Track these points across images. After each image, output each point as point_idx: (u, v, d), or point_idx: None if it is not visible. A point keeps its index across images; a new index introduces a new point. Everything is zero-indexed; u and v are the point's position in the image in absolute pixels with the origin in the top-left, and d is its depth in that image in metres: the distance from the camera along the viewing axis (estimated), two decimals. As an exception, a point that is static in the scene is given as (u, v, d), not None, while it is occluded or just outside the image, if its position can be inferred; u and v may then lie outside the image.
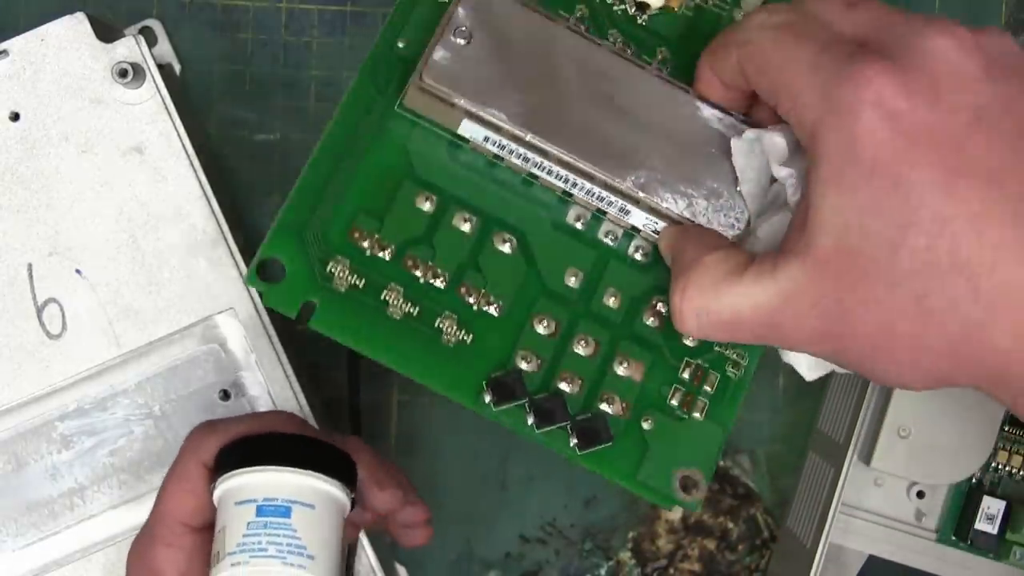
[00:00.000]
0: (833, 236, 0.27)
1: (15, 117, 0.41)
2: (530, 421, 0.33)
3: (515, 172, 0.34)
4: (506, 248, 0.34)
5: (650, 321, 0.34)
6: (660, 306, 0.34)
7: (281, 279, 0.33)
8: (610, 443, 0.33)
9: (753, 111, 0.33)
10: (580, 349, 0.34)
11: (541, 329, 0.34)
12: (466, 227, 0.34)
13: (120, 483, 0.41)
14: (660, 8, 0.36)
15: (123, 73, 0.40)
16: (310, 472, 0.32)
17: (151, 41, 0.45)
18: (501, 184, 0.34)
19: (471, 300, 0.33)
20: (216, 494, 0.33)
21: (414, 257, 0.33)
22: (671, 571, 0.46)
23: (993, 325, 0.26)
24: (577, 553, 0.47)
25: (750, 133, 0.32)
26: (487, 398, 0.33)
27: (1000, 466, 0.44)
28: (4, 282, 0.40)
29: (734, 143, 0.32)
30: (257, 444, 0.33)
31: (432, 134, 0.34)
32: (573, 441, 0.33)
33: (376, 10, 0.46)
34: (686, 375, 0.34)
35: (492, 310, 0.33)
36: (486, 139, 0.33)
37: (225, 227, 0.41)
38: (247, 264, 0.41)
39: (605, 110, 0.33)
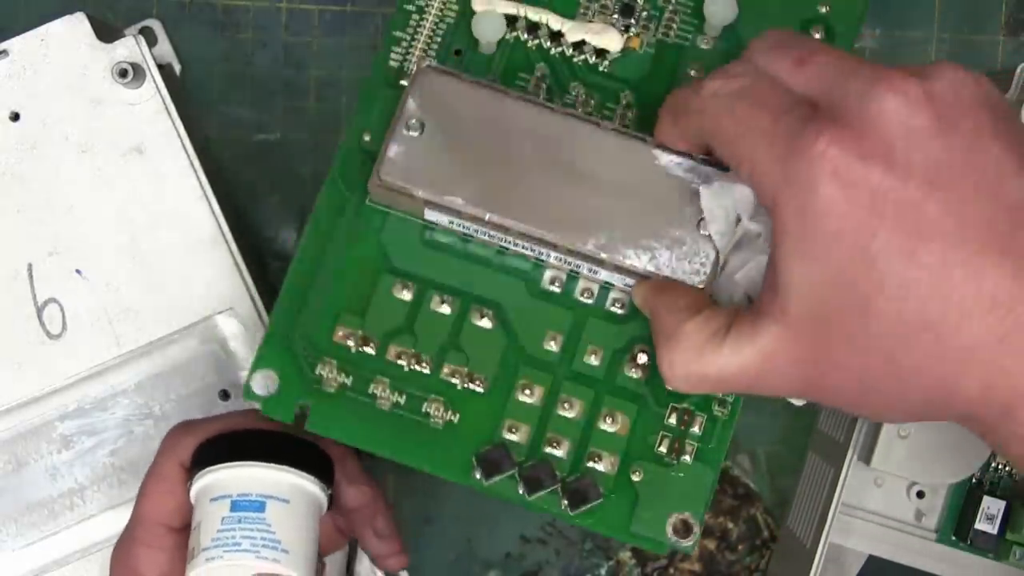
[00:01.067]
0: (804, 303, 0.27)
1: (15, 117, 0.41)
2: (520, 490, 0.34)
3: (488, 245, 0.35)
4: (485, 322, 0.35)
5: (633, 372, 0.35)
6: (642, 356, 0.34)
7: (275, 390, 0.34)
8: (600, 500, 0.34)
9: (716, 154, 0.33)
10: (565, 412, 0.34)
11: (525, 398, 0.34)
12: (445, 308, 0.35)
13: (120, 483, 0.41)
14: (620, 52, 0.37)
15: (123, 73, 0.40)
16: (284, 467, 0.33)
17: (151, 41, 0.45)
18: (476, 259, 0.35)
19: (455, 380, 0.34)
20: (192, 492, 0.33)
21: (398, 347, 0.34)
22: (671, 571, 0.46)
23: (962, 377, 0.27)
24: (577, 553, 0.47)
25: (717, 184, 0.32)
26: (476, 474, 0.34)
27: (1000, 466, 0.44)
28: (4, 282, 0.40)
29: (702, 189, 0.33)
30: (232, 440, 0.33)
31: (403, 222, 0.35)
32: (564, 503, 0.34)
33: (376, 10, 0.46)
34: (672, 420, 0.35)
35: (476, 387, 0.34)
36: (451, 222, 0.34)
37: (225, 227, 0.41)
38: (247, 264, 0.41)
39: (562, 176, 0.33)
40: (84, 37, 0.41)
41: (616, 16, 0.38)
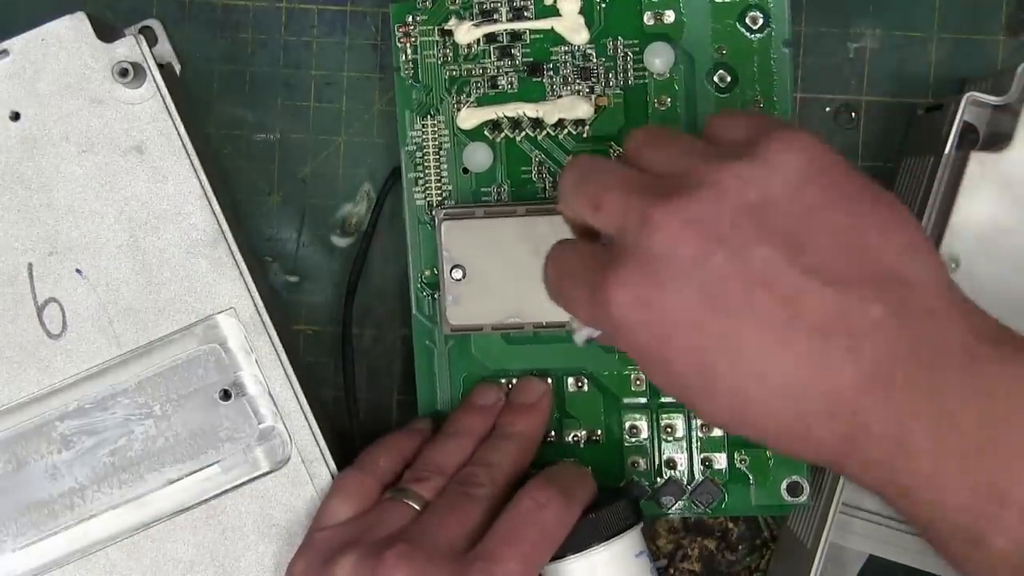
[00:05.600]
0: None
1: (15, 117, 0.41)
2: (662, 508, 0.42)
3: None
4: (583, 387, 0.43)
5: None
6: None
7: None
8: (722, 493, 0.42)
9: None
10: (668, 437, 0.42)
11: (634, 439, 0.42)
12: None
13: (120, 483, 0.41)
14: (596, 114, 0.42)
15: (123, 73, 0.40)
16: (615, 538, 0.39)
17: (151, 41, 0.45)
18: (549, 342, 0.43)
19: (575, 439, 0.43)
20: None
21: None
22: (671, 571, 0.46)
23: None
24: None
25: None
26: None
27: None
28: (4, 282, 0.40)
29: None
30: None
31: (484, 336, 0.43)
32: (701, 508, 0.42)
33: (376, 10, 0.46)
34: None
35: (596, 439, 0.43)
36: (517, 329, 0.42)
37: (225, 227, 0.41)
38: (247, 264, 0.41)
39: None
40: (84, 37, 0.41)
41: (579, 82, 0.42)
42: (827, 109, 0.45)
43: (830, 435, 0.29)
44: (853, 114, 0.45)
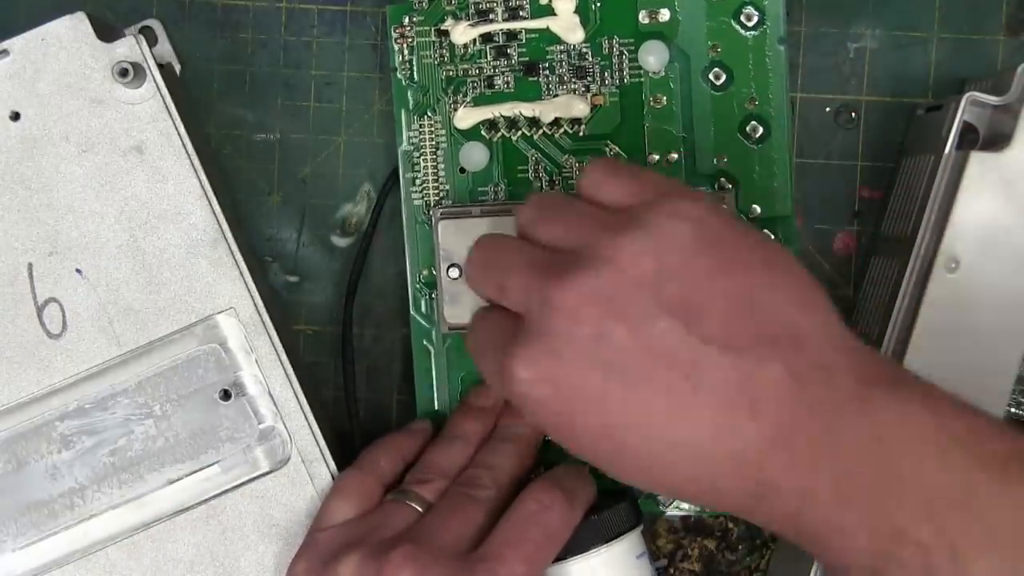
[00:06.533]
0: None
1: (15, 117, 0.41)
2: (661, 507, 0.43)
3: None
4: None
5: None
6: None
7: None
8: None
9: None
10: None
11: None
12: None
13: (120, 483, 0.41)
14: (591, 113, 0.42)
15: (123, 73, 0.40)
16: (616, 540, 0.40)
17: (151, 41, 0.45)
18: None
19: None
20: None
21: None
22: (671, 571, 0.46)
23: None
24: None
25: None
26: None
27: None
28: (4, 282, 0.40)
29: None
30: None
31: None
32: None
33: (376, 10, 0.46)
34: None
35: None
36: None
37: (225, 227, 0.41)
38: (247, 264, 0.41)
39: None
40: (84, 37, 0.41)
41: (575, 81, 0.42)
42: (827, 109, 0.45)
43: (739, 492, 0.30)
44: (853, 114, 0.45)
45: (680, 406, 0.29)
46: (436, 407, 0.43)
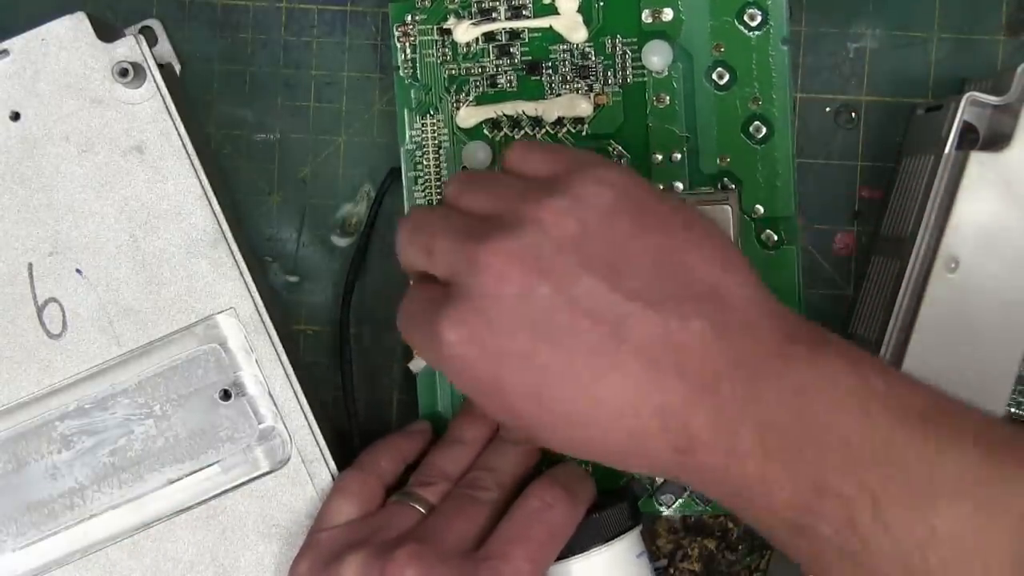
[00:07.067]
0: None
1: (15, 117, 0.41)
2: (661, 508, 0.43)
3: None
4: None
5: None
6: None
7: None
8: (687, 492, 0.43)
9: None
10: None
11: None
12: None
13: (120, 483, 0.41)
14: (594, 112, 0.42)
15: (123, 73, 0.40)
16: (615, 540, 0.40)
17: (151, 41, 0.45)
18: None
19: None
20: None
21: None
22: (671, 571, 0.46)
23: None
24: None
25: None
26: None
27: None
28: (4, 282, 0.40)
29: None
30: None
31: None
32: (700, 506, 0.43)
33: (377, 10, 0.46)
34: None
35: None
36: None
37: (225, 227, 0.41)
38: (247, 264, 0.41)
39: None
40: (84, 37, 0.41)
41: (578, 80, 0.42)
42: (827, 109, 0.45)
43: (665, 448, 0.30)
44: (853, 114, 0.45)
45: (606, 362, 0.30)
46: (438, 408, 0.43)
